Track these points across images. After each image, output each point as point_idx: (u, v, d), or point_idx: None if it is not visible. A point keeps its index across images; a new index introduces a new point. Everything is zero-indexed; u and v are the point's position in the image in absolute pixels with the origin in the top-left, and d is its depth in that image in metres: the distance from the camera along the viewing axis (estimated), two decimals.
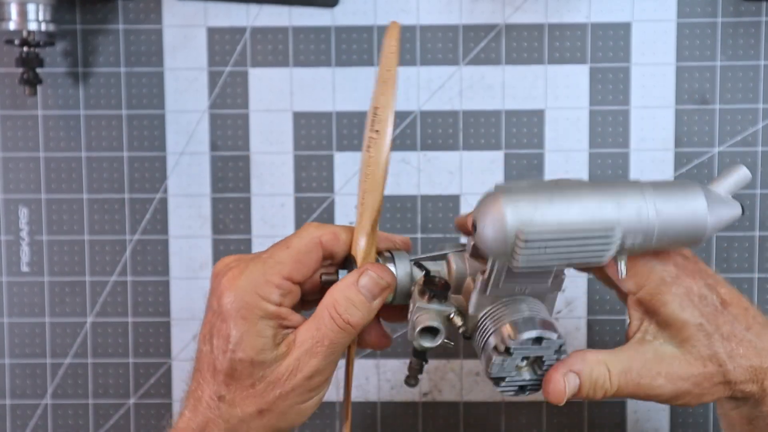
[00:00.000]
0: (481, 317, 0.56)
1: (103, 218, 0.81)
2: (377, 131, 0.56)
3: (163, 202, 0.81)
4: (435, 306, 0.56)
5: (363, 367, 0.81)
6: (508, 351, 0.54)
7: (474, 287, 0.56)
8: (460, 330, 0.56)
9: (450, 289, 0.56)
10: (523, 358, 0.54)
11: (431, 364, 0.81)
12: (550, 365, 0.54)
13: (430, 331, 0.56)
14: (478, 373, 0.81)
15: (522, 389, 0.55)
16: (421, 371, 0.59)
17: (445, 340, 0.56)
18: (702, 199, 0.53)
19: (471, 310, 0.56)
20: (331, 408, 0.81)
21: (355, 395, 0.80)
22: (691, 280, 0.56)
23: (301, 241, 0.57)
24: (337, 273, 0.59)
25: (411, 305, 0.57)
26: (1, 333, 0.82)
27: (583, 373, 0.54)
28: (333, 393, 0.81)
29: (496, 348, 0.54)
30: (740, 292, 0.58)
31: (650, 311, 0.56)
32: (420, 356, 0.58)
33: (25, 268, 0.81)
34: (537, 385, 0.55)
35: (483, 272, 0.55)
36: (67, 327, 0.81)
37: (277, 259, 0.56)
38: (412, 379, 0.59)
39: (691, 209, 0.53)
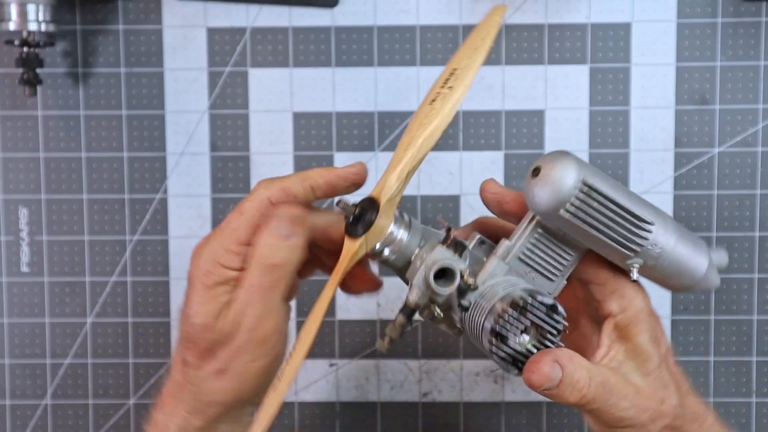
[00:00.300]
0: (489, 285, 0.56)
1: (103, 218, 0.81)
2: (450, 87, 0.56)
3: (163, 202, 0.81)
4: (451, 254, 0.56)
5: (363, 367, 0.81)
6: (524, 307, 0.54)
7: (493, 254, 0.56)
8: (466, 294, 0.55)
9: (467, 249, 0.57)
10: (526, 328, 0.54)
11: (431, 365, 0.81)
12: (547, 346, 0.54)
13: (445, 275, 0.55)
14: (478, 373, 0.81)
15: (515, 362, 0.54)
16: (402, 334, 0.57)
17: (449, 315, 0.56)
18: (706, 259, 0.57)
19: (482, 278, 0.56)
20: (331, 408, 0.81)
21: (355, 395, 0.80)
22: (654, 322, 0.58)
23: (252, 204, 0.58)
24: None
25: (416, 262, 0.57)
26: (1, 333, 0.82)
27: (567, 369, 0.54)
28: (333, 393, 0.81)
29: (513, 303, 0.53)
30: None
31: (624, 337, 0.57)
32: (411, 314, 0.56)
33: (25, 269, 0.81)
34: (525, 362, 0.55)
35: (509, 237, 0.56)
36: (67, 327, 0.81)
37: (233, 226, 0.57)
38: (387, 339, 0.57)
39: (696, 262, 0.56)
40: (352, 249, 0.57)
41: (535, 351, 0.54)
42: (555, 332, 0.54)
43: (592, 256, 0.57)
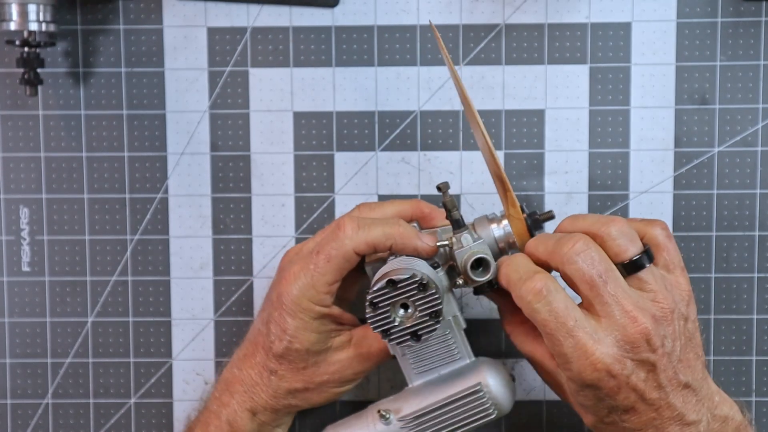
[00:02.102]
0: None
1: (104, 218, 0.81)
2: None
3: (164, 202, 0.81)
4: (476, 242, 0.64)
5: None
6: (372, 304, 0.61)
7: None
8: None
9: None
10: (401, 307, 0.62)
11: None
12: (431, 303, 0.61)
13: (481, 264, 0.64)
14: None
15: (416, 335, 0.62)
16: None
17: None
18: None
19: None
20: (332, 408, 0.81)
21: (355, 395, 0.81)
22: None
23: (339, 253, 0.65)
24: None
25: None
26: (2, 333, 0.82)
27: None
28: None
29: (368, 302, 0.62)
30: None
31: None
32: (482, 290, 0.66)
33: (25, 268, 0.81)
34: (426, 323, 0.62)
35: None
36: (68, 327, 0.82)
37: (321, 271, 0.66)
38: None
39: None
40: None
41: (421, 314, 0.62)
42: (423, 293, 0.61)
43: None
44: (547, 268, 0.61)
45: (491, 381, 0.65)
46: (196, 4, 0.80)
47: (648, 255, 0.60)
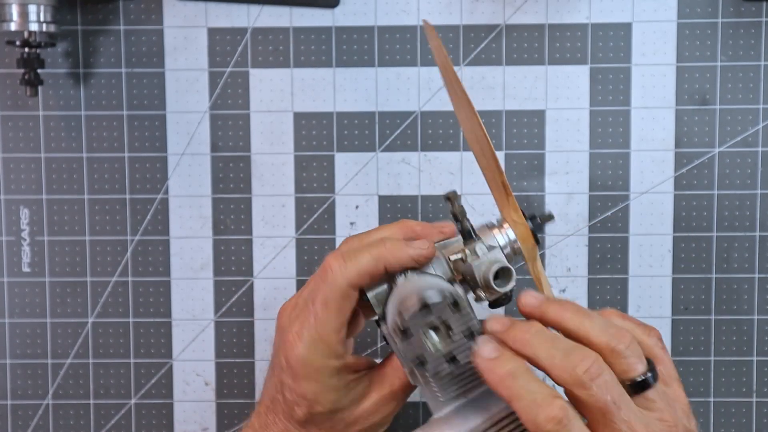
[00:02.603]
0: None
1: (104, 219, 0.81)
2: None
3: (164, 202, 0.81)
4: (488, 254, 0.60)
5: None
6: (405, 332, 0.54)
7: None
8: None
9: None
10: (431, 329, 0.55)
11: None
12: (466, 321, 0.55)
13: (504, 273, 0.58)
14: None
15: (453, 360, 0.55)
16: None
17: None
18: None
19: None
20: None
21: None
22: None
23: (335, 295, 0.60)
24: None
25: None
26: (3, 333, 0.82)
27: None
28: None
29: (394, 331, 0.55)
30: None
31: None
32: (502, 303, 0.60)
33: (26, 269, 0.81)
34: (463, 345, 0.55)
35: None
36: (68, 327, 0.82)
37: (323, 320, 0.60)
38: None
39: None
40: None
41: (456, 339, 0.55)
42: (454, 313, 0.55)
43: None
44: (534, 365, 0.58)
45: None
46: (197, 4, 0.80)
47: (654, 373, 0.57)
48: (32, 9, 0.74)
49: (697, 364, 0.80)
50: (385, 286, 0.61)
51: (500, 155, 0.80)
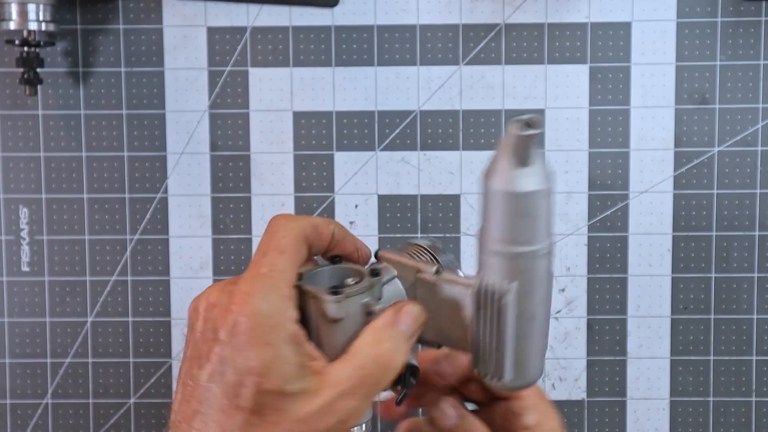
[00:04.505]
0: None
1: (104, 218, 0.81)
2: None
3: (164, 201, 0.81)
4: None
5: None
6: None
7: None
8: None
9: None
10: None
11: None
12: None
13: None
14: None
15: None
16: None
17: None
18: None
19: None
20: None
21: None
22: None
23: (289, 241, 0.51)
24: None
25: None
26: (2, 333, 0.82)
27: None
28: None
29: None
30: None
31: None
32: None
33: (25, 268, 0.81)
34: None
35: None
36: (68, 327, 0.82)
37: (280, 267, 0.50)
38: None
39: None
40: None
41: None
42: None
43: None
44: None
45: None
46: (196, 3, 0.80)
47: None
48: (32, 8, 0.74)
49: (697, 363, 0.80)
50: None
51: None
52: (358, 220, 0.80)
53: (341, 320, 0.50)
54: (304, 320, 0.50)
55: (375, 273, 0.53)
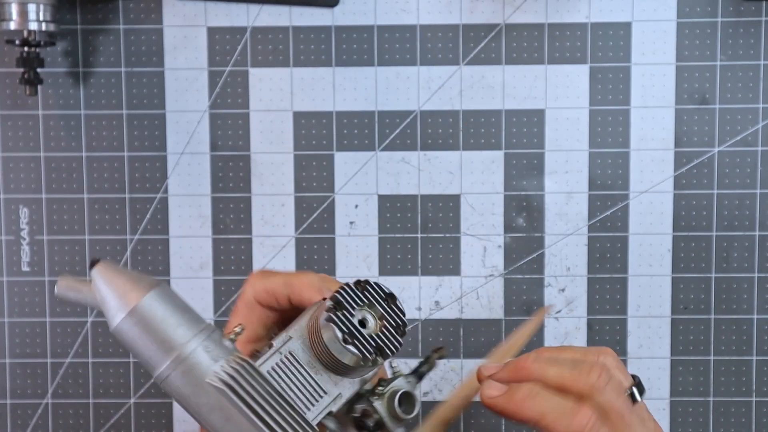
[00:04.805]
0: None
1: (104, 218, 0.81)
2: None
3: (164, 201, 0.81)
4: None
5: None
6: (337, 303, 0.51)
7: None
8: None
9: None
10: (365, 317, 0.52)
11: None
12: (398, 316, 0.52)
13: (407, 399, 0.56)
14: None
15: (380, 349, 0.51)
16: None
17: None
18: None
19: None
20: None
21: None
22: None
23: (242, 303, 0.57)
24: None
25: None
26: (2, 333, 0.82)
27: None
28: None
29: (356, 282, 0.51)
30: None
31: None
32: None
33: (25, 268, 0.81)
34: (393, 339, 0.52)
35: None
36: (68, 327, 0.82)
37: (229, 325, 0.56)
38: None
39: None
40: None
41: (377, 339, 0.51)
42: (396, 323, 0.52)
43: None
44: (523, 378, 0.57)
45: None
46: (196, 3, 0.80)
47: (639, 385, 0.58)
48: (32, 8, 0.74)
49: (697, 363, 0.80)
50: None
51: (500, 155, 0.80)
52: (358, 220, 0.80)
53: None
54: None
55: None
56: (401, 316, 0.53)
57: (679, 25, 0.78)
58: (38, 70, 0.76)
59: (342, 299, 0.51)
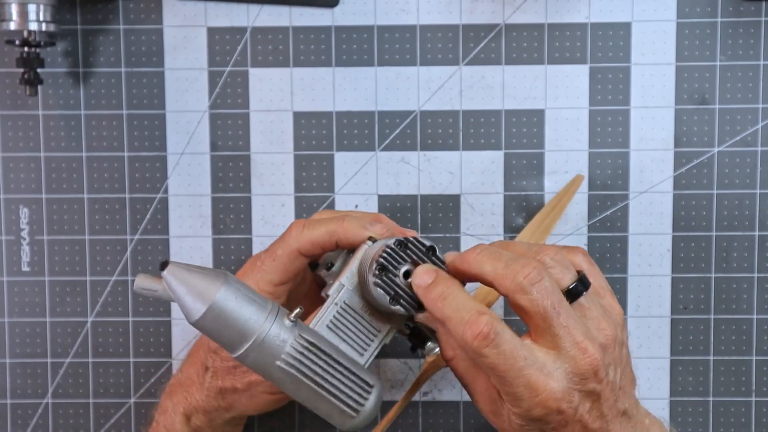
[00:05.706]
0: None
1: (104, 218, 0.81)
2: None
3: (164, 202, 0.81)
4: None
5: None
6: (383, 267, 0.59)
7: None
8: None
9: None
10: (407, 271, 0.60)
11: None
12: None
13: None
14: None
15: (396, 296, 0.60)
16: None
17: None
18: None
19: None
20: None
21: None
22: None
23: (284, 252, 0.65)
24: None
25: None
26: (2, 333, 0.82)
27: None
28: None
29: (396, 242, 0.60)
30: None
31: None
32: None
33: (25, 268, 0.81)
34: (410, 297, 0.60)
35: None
36: (68, 326, 0.82)
37: (267, 269, 0.65)
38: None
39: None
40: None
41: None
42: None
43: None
44: (481, 281, 0.59)
45: (377, 394, 0.60)
46: (196, 4, 0.80)
47: (583, 281, 0.58)
48: (32, 8, 0.74)
49: (697, 363, 0.80)
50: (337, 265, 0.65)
51: (500, 155, 0.80)
52: None
53: None
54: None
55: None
56: (441, 266, 0.60)
57: (678, 26, 0.78)
58: (38, 70, 0.76)
59: (386, 263, 0.59)
